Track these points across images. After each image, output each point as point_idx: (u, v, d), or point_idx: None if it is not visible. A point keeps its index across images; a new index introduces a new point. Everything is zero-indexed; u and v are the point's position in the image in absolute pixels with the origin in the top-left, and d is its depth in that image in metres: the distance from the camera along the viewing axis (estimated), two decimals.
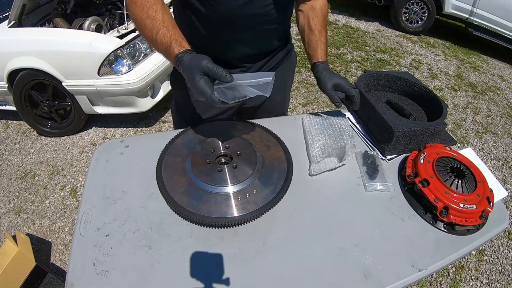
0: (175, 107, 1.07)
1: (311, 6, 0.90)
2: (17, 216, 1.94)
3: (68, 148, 2.41)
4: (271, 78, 0.64)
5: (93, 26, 2.31)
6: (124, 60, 2.12)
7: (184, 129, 0.86)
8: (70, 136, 2.50)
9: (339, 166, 0.80)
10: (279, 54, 0.98)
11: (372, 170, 0.79)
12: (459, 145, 2.62)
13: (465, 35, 4.63)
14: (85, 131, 2.54)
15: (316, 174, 0.77)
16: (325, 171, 0.78)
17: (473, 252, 1.82)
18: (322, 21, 0.90)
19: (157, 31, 0.67)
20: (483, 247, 1.86)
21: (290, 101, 2.95)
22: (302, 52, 3.78)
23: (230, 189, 0.70)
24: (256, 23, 0.82)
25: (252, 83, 0.64)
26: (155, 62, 2.27)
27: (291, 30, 1.02)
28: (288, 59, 1.05)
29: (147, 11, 0.69)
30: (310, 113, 0.94)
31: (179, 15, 0.87)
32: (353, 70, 3.53)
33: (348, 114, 0.99)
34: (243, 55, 0.89)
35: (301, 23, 0.93)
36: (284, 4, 0.84)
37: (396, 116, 0.86)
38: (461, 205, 0.67)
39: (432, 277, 1.69)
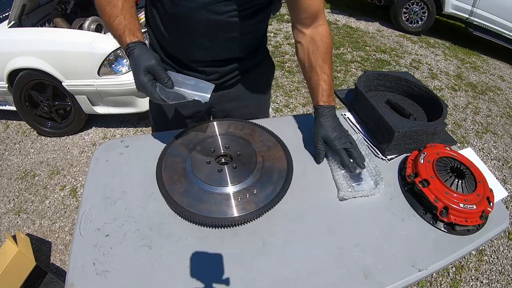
0: (150, 109, 1.07)
1: (311, 37, 0.83)
2: (17, 216, 1.94)
3: (68, 148, 2.41)
4: (210, 90, 0.68)
5: (93, 26, 2.31)
6: (124, 60, 2.12)
7: (184, 129, 0.87)
8: (70, 136, 2.50)
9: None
10: (247, 62, 0.93)
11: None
12: (459, 145, 2.62)
13: (465, 35, 4.63)
14: (85, 131, 2.55)
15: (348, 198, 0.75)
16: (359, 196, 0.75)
17: (473, 252, 1.82)
18: (324, 54, 0.82)
19: (114, 18, 0.69)
20: (483, 247, 1.86)
21: (290, 101, 2.96)
22: None
23: (230, 189, 0.70)
24: (215, 30, 0.79)
25: (190, 94, 0.68)
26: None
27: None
28: (260, 67, 1.00)
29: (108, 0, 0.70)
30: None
31: (148, 13, 0.87)
32: (353, 70, 3.53)
33: (348, 114, 1.00)
34: (203, 60, 0.87)
35: (301, 58, 0.86)
36: (247, 14, 0.78)
37: (396, 116, 0.86)
38: (461, 205, 0.67)
39: (432, 277, 1.69)
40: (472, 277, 1.71)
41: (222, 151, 0.79)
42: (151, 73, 0.65)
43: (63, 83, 2.13)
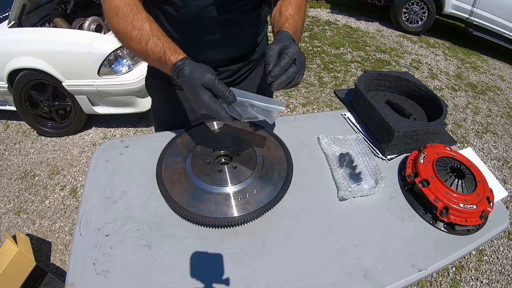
0: (152, 110, 1.06)
1: None
2: (17, 216, 1.94)
3: (68, 148, 2.41)
4: (283, 108, 0.62)
5: (93, 26, 2.31)
6: (124, 60, 2.12)
7: (183, 129, 0.86)
8: (70, 136, 2.50)
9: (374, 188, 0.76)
10: (254, 57, 0.95)
11: (351, 169, 0.79)
12: (459, 145, 2.62)
13: (465, 35, 4.63)
14: (85, 131, 2.55)
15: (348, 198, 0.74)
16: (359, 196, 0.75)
17: (473, 252, 1.82)
18: (296, 8, 0.77)
19: (146, 42, 0.64)
20: (483, 247, 1.86)
21: (290, 101, 2.96)
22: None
23: (230, 189, 0.70)
24: (225, 27, 0.79)
25: (260, 105, 0.61)
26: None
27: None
28: (262, 65, 1.01)
29: (131, 21, 0.65)
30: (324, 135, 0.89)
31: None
32: (353, 70, 3.53)
33: (348, 114, 1.00)
34: (215, 59, 0.86)
35: (273, 14, 0.81)
36: (253, 7, 0.80)
37: (396, 116, 0.86)
38: (461, 205, 0.67)
39: (432, 277, 1.69)
40: (472, 277, 1.71)
41: (222, 151, 0.79)
42: (208, 89, 0.59)
43: (63, 83, 2.13)
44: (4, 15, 2.42)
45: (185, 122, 0.97)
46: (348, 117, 0.98)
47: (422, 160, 0.76)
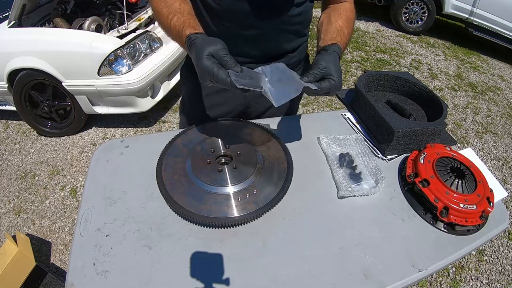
0: (182, 103, 1.06)
1: (334, 7, 0.83)
2: (17, 216, 1.94)
3: (68, 148, 2.41)
4: (297, 92, 0.60)
5: (93, 26, 2.31)
6: (124, 60, 2.12)
7: (184, 129, 0.86)
8: (70, 136, 2.50)
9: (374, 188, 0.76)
10: (291, 59, 0.92)
11: (351, 169, 0.79)
12: (459, 145, 2.62)
13: (465, 35, 4.63)
14: (85, 131, 2.55)
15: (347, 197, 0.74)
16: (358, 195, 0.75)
17: (473, 252, 1.82)
18: (346, 21, 0.79)
19: (172, 17, 0.67)
20: (483, 247, 1.86)
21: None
22: None
23: (230, 189, 0.70)
24: (260, 20, 0.78)
25: (268, 88, 0.58)
26: (155, 62, 2.27)
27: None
28: (303, 65, 1.00)
29: (165, 2, 0.70)
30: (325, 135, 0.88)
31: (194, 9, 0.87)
32: (353, 70, 3.53)
33: (348, 114, 1.00)
34: (249, 54, 0.86)
35: (321, 20, 0.83)
36: (291, 4, 0.78)
37: (396, 116, 0.86)
38: (461, 205, 0.67)
39: (432, 277, 1.69)
40: (472, 277, 1.71)
41: (222, 151, 0.79)
42: (214, 56, 0.59)
43: (63, 83, 2.13)
44: (4, 15, 2.42)
45: (210, 118, 0.96)
46: (348, 117, 0.98)
47: (422, 160, 0.76)
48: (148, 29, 2.41)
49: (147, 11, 2.57)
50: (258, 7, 0.76)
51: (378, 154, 0.86)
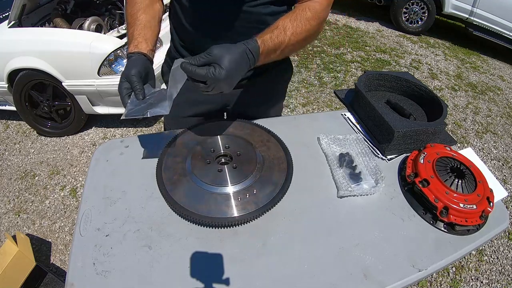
0: None
1: (297, 6, 0.75)
2: (17, 216, 1.94)
3: (68, 148, 2.41)
4: (166, 95, 0.66)
5: (93, 26, 2.31)
6: (124, 60, 2.12)
7: (184, 129, 0.86)
8: (70, 136, 2.50)
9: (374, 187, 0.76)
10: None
11: (351, 169, 0.79)
12: (459, 145, 2.62)
13: (465, 35, 4.63)
14: (85, 131, 2.55)
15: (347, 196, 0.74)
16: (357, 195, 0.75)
17: (473, 252, 1.82)
18: (296, 19, 0.70)
19: (129, 28, 0.76)
20: (483, 247, 1.86)
21: (290, 101, 2.96)
22: (301, 52, 3.78)
23: (230, 189, 0.70)
24: (234, 20, 0.77)
25: (149, 105, 0.66)
26: (155, 62, 2.26)
27: None
28: (278, 67, 0.96)
29: (131, 9, 0.77)
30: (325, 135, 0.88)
31: (172, 12, 0.87)
32: (353, 70, 3.53)
33: (348, 114, 1.00)
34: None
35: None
36: (264, 5, 0.76)
37: (396, 116, 0.86)
38: (461, 205, 0.67)
39: (432, 277, 1.69)
40: (472, 277, 1.71)
41: (222, 151, 0.79)
42: (128, 81, 0.67)
43: (63, 83, 2.13)
44: (4, 15, 2.42)
45: (190, 116, 0.97)
46: (348, 117, 0.98)
47: (422, 160, 0.76)
48: None
49: None
50: (233, 6, 0.75)
51: (378, 154, 0.86)
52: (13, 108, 2.43)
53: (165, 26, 0.95)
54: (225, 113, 1.03)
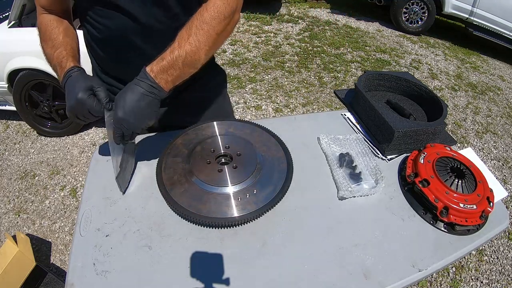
0: None
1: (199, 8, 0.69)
2: (17, 216, 1.94)
3: (68, 148, 2.41)
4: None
5: None
6: None
7: (184, 129, 0.86)
8: (70, 136, 2.50)
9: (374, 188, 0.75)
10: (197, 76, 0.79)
11: (351, 169, 0.79)
12: (459, 145, 2.62)
13: (465, 35, 4.63)
14: (85, 131, 2.55)
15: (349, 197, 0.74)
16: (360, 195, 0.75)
17: (473, 252, 1.82)
18: (191, 27, 0.65)
19: (55, 49, 0.73)
20: (483, 247, 1.86)
21: (290, 101, 2.96)
22: (301, 52, 3.78)
23: (230, 189, 0.70)
24: (133, 43, 0.76)
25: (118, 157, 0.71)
26: None
27: None
28: (208, 74, 0.94)
29: (49, 35, 0.76)
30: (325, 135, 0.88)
31: (84, 38, 0.88)
32: (353, 70, 3.53)
33: (348, 114, 1.00)
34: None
35: None
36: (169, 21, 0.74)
37: (396, 116, 0.86)
38: (461, 205, 0.67)
39: (432, 277, 1.69)
40: (472, 277, 1.71)
41: (222, 151, 0.79)
42: (91, 90, 0.66)
43: None
44: (4, 15, 2.41)
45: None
46: (348, 117, 0.99)
47: (422, 160, 0.76)
48: None
49: None
50: (138, 31, 0.74)
51: (378, 154, 0.86)
52: (13, 108, 2.43)
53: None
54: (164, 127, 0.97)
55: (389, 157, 0.85)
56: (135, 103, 0.62)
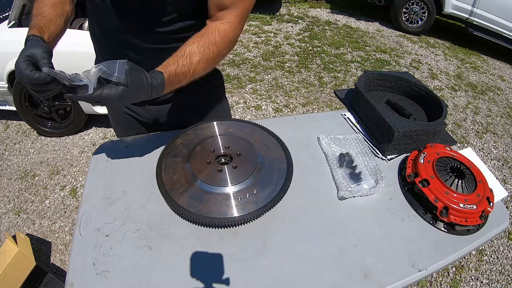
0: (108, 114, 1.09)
1: (207, 25, 0.73)
2: (17, 216, 1.94)
3: (68, 148, 2.41)
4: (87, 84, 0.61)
5: None
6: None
7: (183, 129, 0.86)
8: (70, 136, 2.50)
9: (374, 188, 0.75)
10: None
11: (351, 169, 0.79)
12: (459, 145, 2.62)
13: (465, 35, 4.63)
14: (85, 131, 2.54)
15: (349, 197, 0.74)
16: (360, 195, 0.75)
17: (473, 252, 1.82)
18: (204, 45, 0.69)
19: (34, 19, 0.69)
20: (483, 247, 1.86)
21: (290, 101, 2.96)
22: (301, 52, 3.78)
23: (230, 189, 0.70)
24: (136, 39, 0.76)
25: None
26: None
27: None
28: (199, 81, 0.91)
29: (38, 5, 0.73)
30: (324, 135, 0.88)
31: (89, 25, 0.87)
32: (353, 70, 3.53)
33: (348, 114, 1.00)
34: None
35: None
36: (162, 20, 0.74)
37: (396, 116, 0.86)
38: (461, 205, 0.67)
39: (432, 277, 1.69)
40: (472, 277, 1.71)
41: (222, 151, 0.79)
42: (32, 58, 0.58)
43: None
44: (4, 15, 2.41)
45: (133, 132, 0.96)
46: (348, 117, 0.99)
47: (422, 160, 0.76)
48: None
49: None
50: (126, 25, 0.74)
51: (378, 154, 0.86)
52: (13, 108, 2.43)
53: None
54: (160, 126, 0.99)
55: (389, 157, 0.85)
56: (132, 95, 0.61)
